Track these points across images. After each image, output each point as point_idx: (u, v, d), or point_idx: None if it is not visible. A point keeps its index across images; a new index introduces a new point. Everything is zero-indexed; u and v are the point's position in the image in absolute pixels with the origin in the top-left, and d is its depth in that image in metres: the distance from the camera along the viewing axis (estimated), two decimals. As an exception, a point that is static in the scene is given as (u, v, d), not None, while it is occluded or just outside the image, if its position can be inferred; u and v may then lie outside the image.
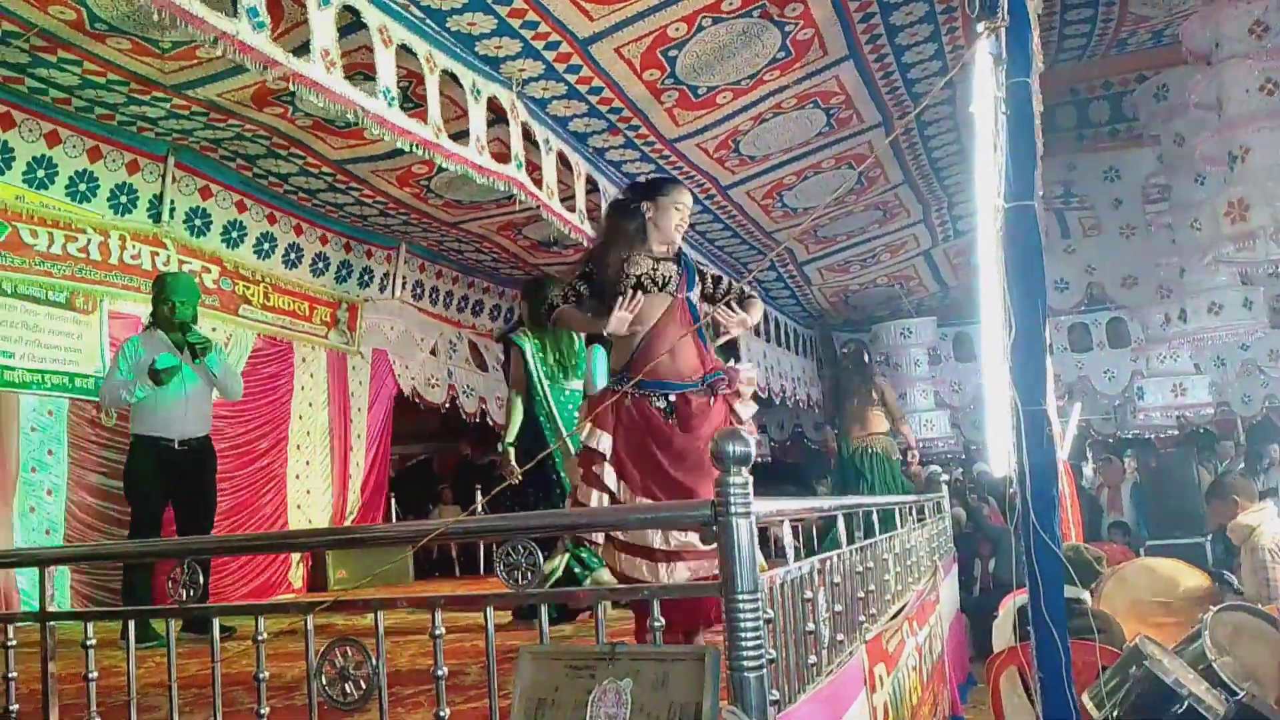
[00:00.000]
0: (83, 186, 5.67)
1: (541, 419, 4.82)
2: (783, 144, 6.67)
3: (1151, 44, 7.46)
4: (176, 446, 4.74)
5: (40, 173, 5.43)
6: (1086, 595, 4.04)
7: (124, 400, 4.71)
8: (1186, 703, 2.89)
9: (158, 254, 6.15)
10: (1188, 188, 7.88)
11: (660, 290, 3.32)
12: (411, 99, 4.71)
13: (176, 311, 4.79)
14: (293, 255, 7.28)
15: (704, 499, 1.87)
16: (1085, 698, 3.10)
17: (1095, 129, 8.80)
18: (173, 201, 6.14)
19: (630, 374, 3.18)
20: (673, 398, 3.23)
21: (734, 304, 3.52)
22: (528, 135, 5.20)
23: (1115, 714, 2.96)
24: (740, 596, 1.73)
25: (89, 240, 5.73)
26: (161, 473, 4.70)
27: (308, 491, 7.45)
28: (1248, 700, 2.90)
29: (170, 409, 4.72)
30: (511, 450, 4.80)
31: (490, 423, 9.43)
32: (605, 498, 3.15)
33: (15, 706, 2.35)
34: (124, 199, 5.91)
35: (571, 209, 5.71)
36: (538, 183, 5.26)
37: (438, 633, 1.99)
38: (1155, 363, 10.67)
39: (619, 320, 3.22)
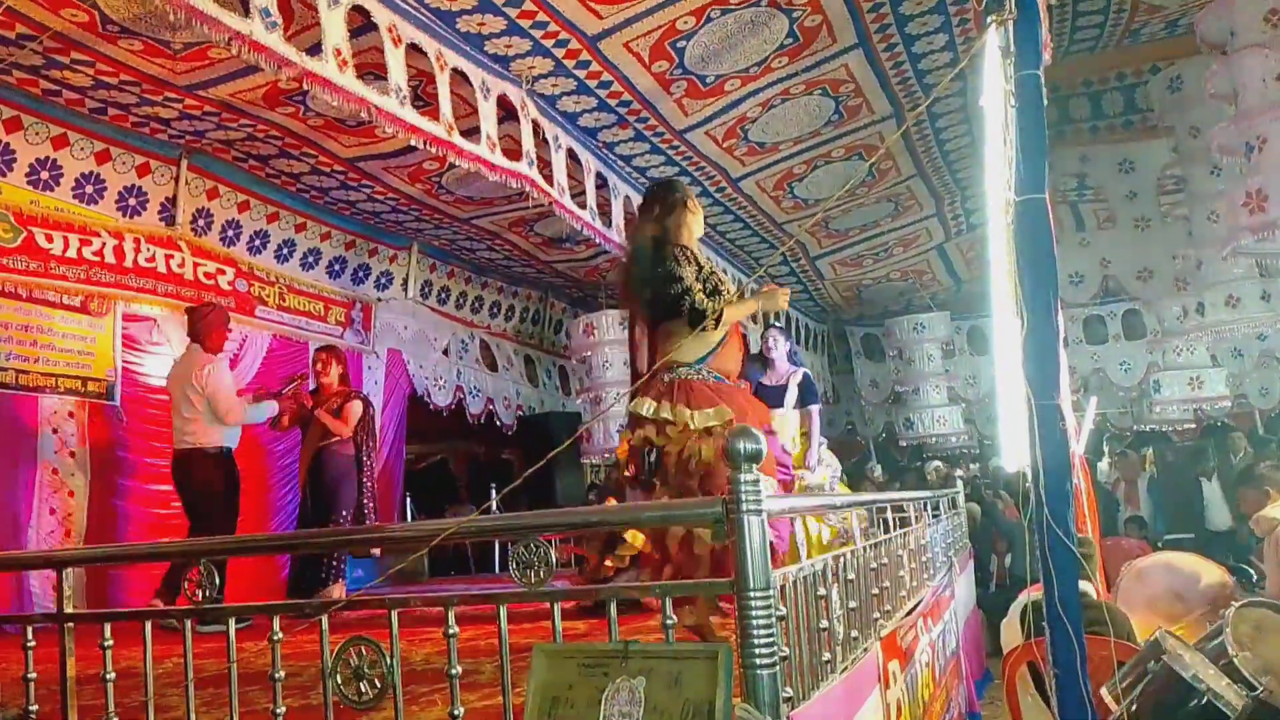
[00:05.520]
0: (89, 189, 5.70)
1: None
2: (792, 131, 6.66)
3: (1165, 34, 7.39)
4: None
5: (44, 174, 5.47)
6: (1090, 588, 4.00)
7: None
8: (1205, 698, 2.87)
9: (172, 256, 6.19)
10: (1203, 179, 7.80)
11: None
12: (421, 98, 4.72)
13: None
14: (307, 256, 7.32)
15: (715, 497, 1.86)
16: (1103, 692, 3.08)
17: (1109, 120, 8.72)
18: (186, 204, 6.18)
19: (709, 364, 3.41)
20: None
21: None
22: (537, 132, 5.21)
23: (1132, 708, 2.94)
24: (752, 594, 1.73)
25: (103, 243, 5.77)
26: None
27: (323, 491, 7.48)
28: (1265, 696, 2.87)
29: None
30: None
31: (497, 423, 9.41)
32: None
33: (35, 707, 2.37)
34: (133, 201, 5.94)
35: (583, 205, 5.71)
36: (548, 179, 5.27)
37: (451, 631, 1.99)
38: (1172, 355, 10.59)
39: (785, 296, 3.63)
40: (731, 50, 5.36)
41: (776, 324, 6.17)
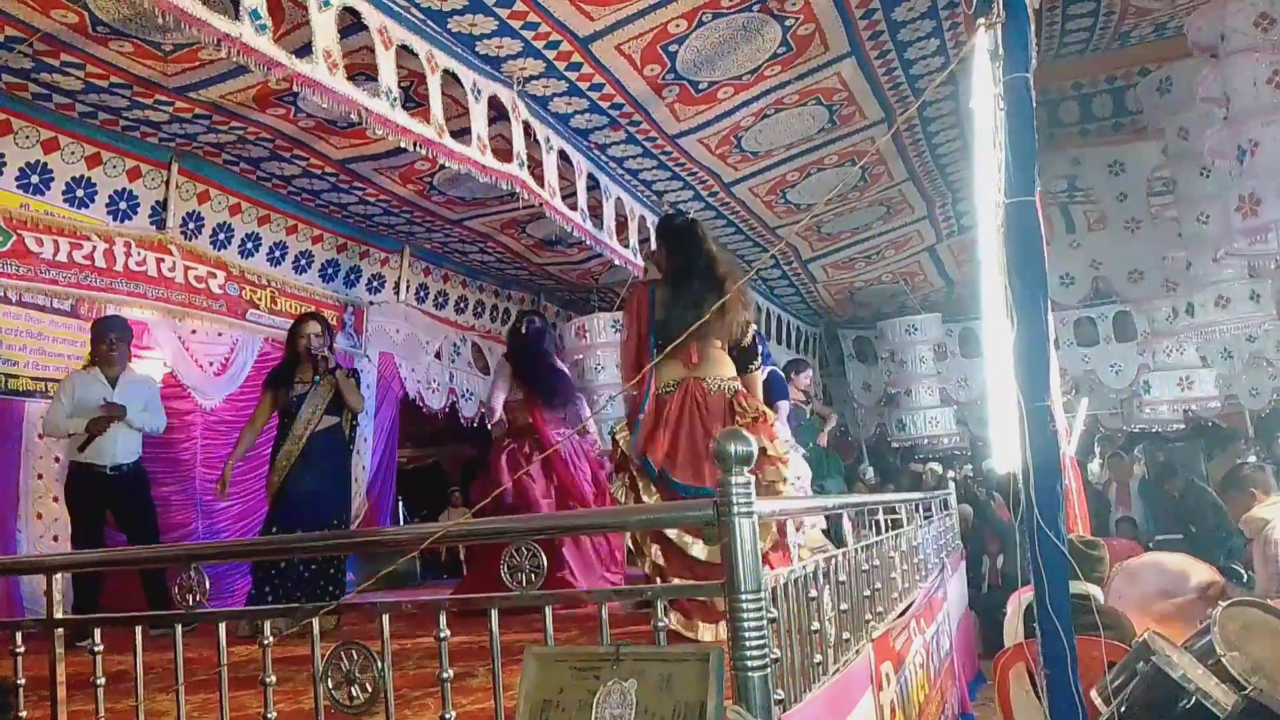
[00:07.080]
0: (80, 193, 5.68)
1: None
2: (784, 140, 6.66)
3: (1154, 37, 7.43)
4: (109, 472, 5.15)
5: (34, 178, 5.44)
6: (1097, 591, 4.01)
7: (65, 433, 5.17)
8: (1194, 698, 2.88)
9: (163, 260, 6.16)
10: (1193, 181, 7.83)
11: None
12: (413, 99, 4.72)
13: (114, 348, 5.26)
14: (300, 259, 7.30)
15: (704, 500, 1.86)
16: (1093, 693, 3.08)
17: (1099, 123, 8.75)
18: (176, 207, 6.15)
19: None
20: None
21: None
22: (528, 133, 5.21)
23: (1122, 709, 2.95)
24: (743, 596, 1.73)
25: (94, 247, 5.74)
26: (96, 494, 5.13)
27: (315, 495, 7.45)
28: (1255, 695, 2.88)
29: (102, 440, 5.12)
30: None
31: (489, 426, 9.34)
32: None
33: (25, 713, 2.36)
34: (123, 205, 5.92)
35: (574, 206, 5.71)
36: (540, 181, 5.27)
37: (442, 635, 1.99)
38: (1162, 356, 10.64)
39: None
40: (724, 56, 5.36)
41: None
